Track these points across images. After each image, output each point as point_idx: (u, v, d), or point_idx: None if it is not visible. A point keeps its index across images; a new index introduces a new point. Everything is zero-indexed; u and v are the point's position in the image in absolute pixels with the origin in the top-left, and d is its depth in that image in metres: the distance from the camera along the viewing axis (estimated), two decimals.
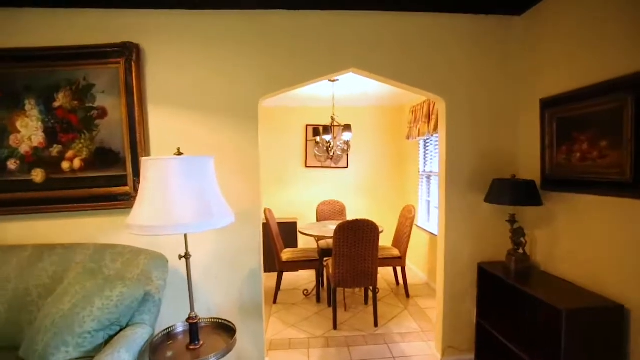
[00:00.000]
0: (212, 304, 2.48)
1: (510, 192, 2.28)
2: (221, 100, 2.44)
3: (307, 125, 5.52)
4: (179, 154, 1.67)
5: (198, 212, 1.57)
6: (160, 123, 2.40)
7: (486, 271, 2.45)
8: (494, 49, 2.55)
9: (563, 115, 2.15)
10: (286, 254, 4.00)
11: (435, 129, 3.72)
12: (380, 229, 3.43)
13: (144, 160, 1.63)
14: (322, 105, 5.31)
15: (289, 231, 5.04)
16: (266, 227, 3.76)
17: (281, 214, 5.55)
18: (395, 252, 4.03)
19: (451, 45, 2.52)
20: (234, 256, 2.49)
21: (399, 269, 4.17)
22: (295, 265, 3.93)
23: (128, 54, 2.29)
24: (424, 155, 4.84)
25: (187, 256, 1.73)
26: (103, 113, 2.33)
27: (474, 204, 2.59)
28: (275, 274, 3.99)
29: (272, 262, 4.08)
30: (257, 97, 2.47)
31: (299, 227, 4.22)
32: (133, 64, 2.29)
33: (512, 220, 2.40)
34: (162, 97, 2.39)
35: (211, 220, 1.60)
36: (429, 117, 4.06)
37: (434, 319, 3.24)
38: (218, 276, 2.48)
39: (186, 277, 1.76)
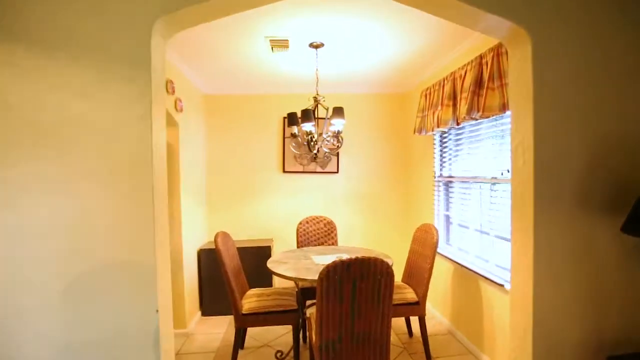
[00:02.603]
0: None
1: None
2: (77, 27, 1.14)
3: (284, 119, 4.23)
4: None
5: None
6: None
7: None
8: None
9: None
10: (249, 301, 2.68)
11: (470, 111, 2.48)
12: (389, 261, 2.15)
13: None
14: (304, 91, 4.04)
15: (260, 259, 3.71)
16: (216, 261, 2.45)
17: (250, 235, 4.22)
18: (411, 295, 2.75)
19: None
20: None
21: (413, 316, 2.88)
22: (262, 319, 2.60)
23: None
24: (441, 155, 3.59)
25: None
26: None
27: (590, 237, 1.33)
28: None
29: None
30: (148, 20, 1.18)
31: (271, 259, 2.91)
32: None
33: None
34: None
35: None
36: (455, 97, 2.82)
37: None
38: None
39: None
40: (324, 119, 2.88)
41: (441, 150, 3.60)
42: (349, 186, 4.32)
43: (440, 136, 3.59)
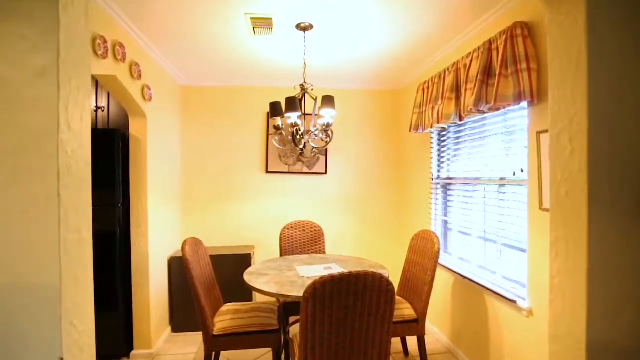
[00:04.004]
0: None
1: None
2: None
3: (268, 113, 3.87)
4: None
5: None
6: None
7: None
8: None
9: None
10: (223, 320, 2.30)
11: (478, 102, 2.18)
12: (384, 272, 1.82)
13: None
14: (290, 84, 3.71)
15: (239, 269, 3.33)
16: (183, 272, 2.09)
17: (229, 241, 3.83)
18: (409, 311, 2.42)
19: None
20: None
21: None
22: (238, 341, 2.22)
23: None
24: (439, 155, 3.30)
25: None
26: None
27: None
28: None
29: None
30: None
31: (249, 270, 2.53)
32: None
33: None
34: None
35: None
36: (458, 88, 2.53)
37: None
38: None
39: None
40: (311, 115, 2.54)
41: (439, 150, 3.31)
42: (338, 189, 3.99)
43: (439, 134, 3.29)
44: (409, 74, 3.53)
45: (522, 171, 2.12)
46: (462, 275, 2.69)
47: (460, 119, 2.55)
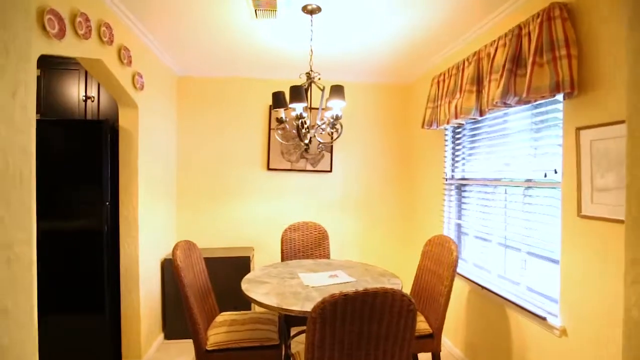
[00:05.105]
0: None
1: None
2: None
3: (270, 107, 3.64)
4: None
5: None
6: None
7: None
8: None
9: None
10: (217, 332, 2.08)
11: (505, 94, 1.93)
12: (397, 283, 1.59)
13: None
14: (294, 76, 3.47)
15: (237, 273, 3.11)
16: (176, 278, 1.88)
17: (228, 242, 3.61)
18: (423, 325, 2.19)
19: None
20: None
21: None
22: (233, 357, 2.00)
23: None
24: (453, 153, 3.07)
25: None
26: None
27: None
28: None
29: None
30: None
31: (247, 277, 2.31)
32: None
33: None
34: None
35: None
36: (479, 80, 2.29)
37: None
38: None
39: None
40: (317, 109, 2.31)
41: (454, 148, 3.07)
42: (344, 188, 3.76)
43: (453, 131, 3.06)
44: (421, 65, 3.29)
45: (555, 172, 1.89)
46: (479, 285, 2.46)
47: (481, 113, 2.32)
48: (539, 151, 2.05)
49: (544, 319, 1.87)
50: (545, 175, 1.97)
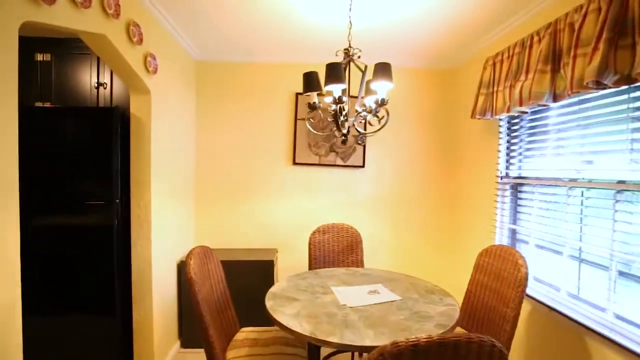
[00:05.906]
0: None
1: None
2: None
3: (297, 95, 3.30)
4: None
5: None
6: None
7: None
8: None
9: None
10: (237, 355, 1.77)
11: (604, 71, 1.50)
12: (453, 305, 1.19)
13: None
14: (326, 59, 3.11)
15: (259, 279, 2.81)
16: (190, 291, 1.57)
17: (249, 242, 3.32)
18: None
19: None
20: None
21: None
22: None
23: None
24: (508, 147, 2.63)
25: None
26: None
27: None
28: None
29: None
30: None
31: (272, 291, 1.99)
32: None
33: None
34: None
35: None
36: (558, 58, 1.86)
37: None
38: None
39: None
40: (355, 97, 1.93)
41: (509, 142, 2.64)
42: (378, 185, 3.38)
43: (509, 122, 2.63)
44: (471, 45, 2.85)
45: None
46: (546, 305, 2.05)
47: (555, 98, 1.89)
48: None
49: None
50: None
